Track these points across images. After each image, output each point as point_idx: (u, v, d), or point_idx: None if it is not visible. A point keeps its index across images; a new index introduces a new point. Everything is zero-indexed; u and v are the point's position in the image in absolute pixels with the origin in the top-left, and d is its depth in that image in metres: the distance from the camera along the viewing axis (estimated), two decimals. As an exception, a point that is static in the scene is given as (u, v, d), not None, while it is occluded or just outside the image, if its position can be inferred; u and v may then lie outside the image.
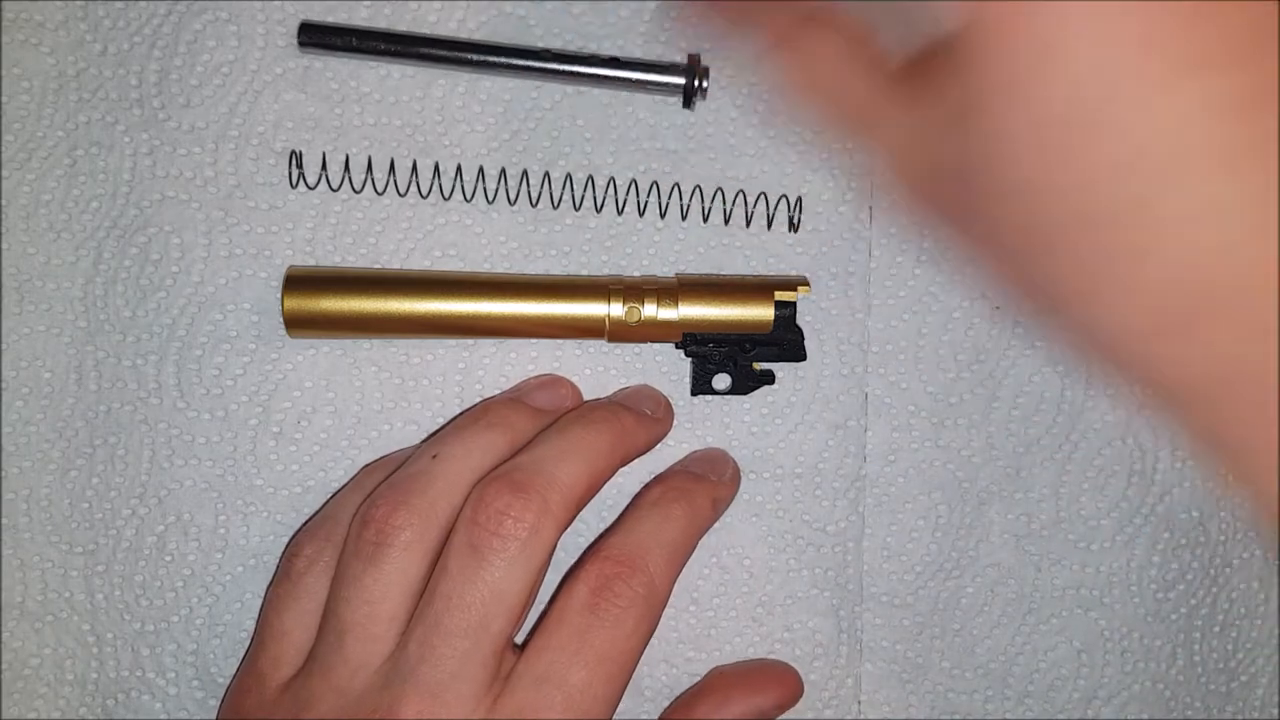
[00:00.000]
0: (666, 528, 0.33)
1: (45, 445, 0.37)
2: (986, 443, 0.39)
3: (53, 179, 0.37)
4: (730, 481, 0.37)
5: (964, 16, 0.22)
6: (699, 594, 0.39)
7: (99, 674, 0.38)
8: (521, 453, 0.33)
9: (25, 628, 0.38)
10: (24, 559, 0.37)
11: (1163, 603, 0.39)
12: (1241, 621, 0.39)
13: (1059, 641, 0.39)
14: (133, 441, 0.37)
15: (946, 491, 0.39)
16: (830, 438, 0.38)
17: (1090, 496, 0.39)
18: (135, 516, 0.37)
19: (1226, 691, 0.39)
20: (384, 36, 0.37)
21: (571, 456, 0.32)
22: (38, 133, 0.37)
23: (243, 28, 0.37)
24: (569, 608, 0.31)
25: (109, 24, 0.37)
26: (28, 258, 0.37)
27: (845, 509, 0.39)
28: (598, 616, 0.31)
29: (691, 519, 0.34)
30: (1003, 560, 0.39)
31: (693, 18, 0.36)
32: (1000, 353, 0.39)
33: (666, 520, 0.33)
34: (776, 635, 0.39)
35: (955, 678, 0.39)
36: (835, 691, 0.39)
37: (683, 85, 0.37)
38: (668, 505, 0.34)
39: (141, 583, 0.38)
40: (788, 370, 0.38)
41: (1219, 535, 0.39)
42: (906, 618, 0.39)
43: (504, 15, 0.37)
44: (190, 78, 0.37)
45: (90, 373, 0.37)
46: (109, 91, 0.37)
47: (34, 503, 0.37)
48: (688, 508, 0.34)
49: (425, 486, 0.32)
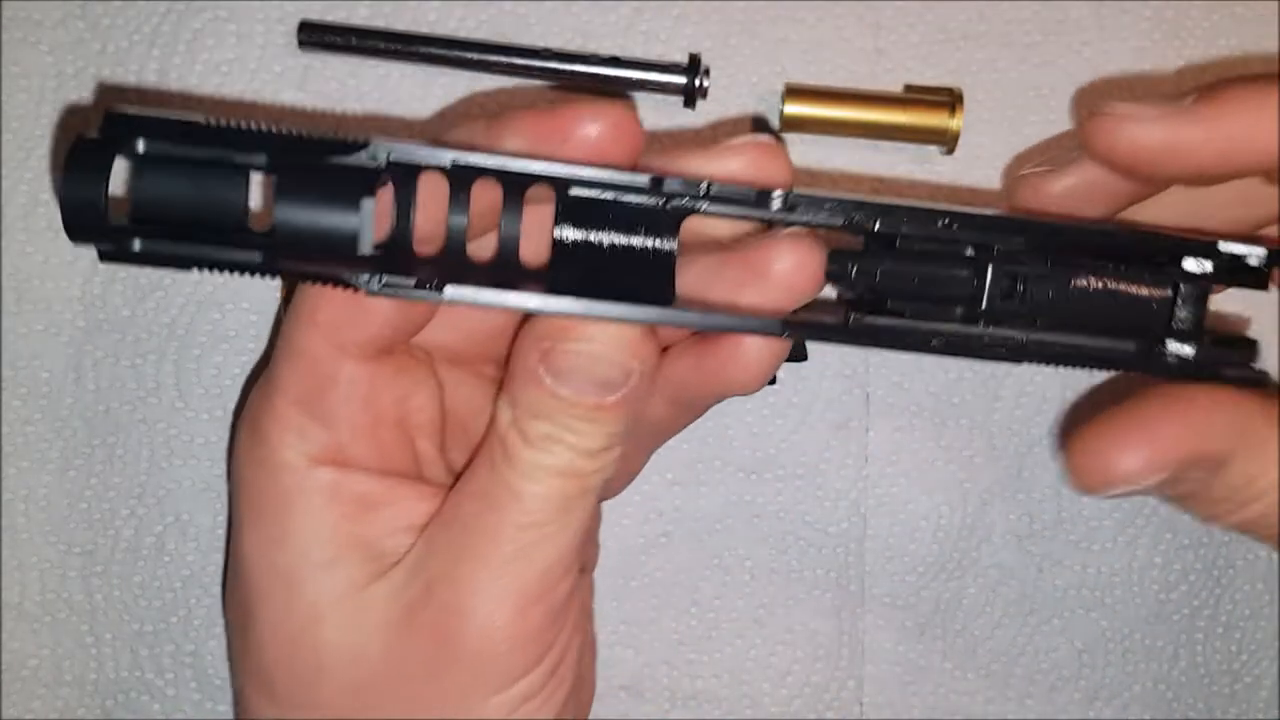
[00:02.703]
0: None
1: (43, 445, 0.37)
2: (988, 443, 0.39)
3: (51, 178, 0.37)
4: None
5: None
6: (700, 595, 0.38)
7: (97, 675, 0.38)
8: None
9: (23, 628, 0.37)
10: (22, 559, 0.37)
11: (1165, 603, 0.39)
12: (1245, 623, 0.39)
13: (1061, 642, 0.39)
14: (131, 441, 0.37)
15: (948, 492, 0.39)
16: (832, 438, 0.38)
17: (1092, 497, 0.39)
18: (134, 516, 0.37)
19: (1230, 693, 0.39)
20: (383, 35, 0.36)
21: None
22: (36, 131, 0.37)
23: (242, 26, 0.37)
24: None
25: (108, 22, 0.37)
26: (26, 257, 0.37)
27: (847, 510, 0.38)
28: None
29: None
30: (1005, 561, 0.39)
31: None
32: (1002, 353, 0.38)
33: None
34: (778, 637, 0.38)
35: (957, 679, 0.39)
36: (837, 693, 0.39)
37: (684, 85, 0.36)
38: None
39: (140, 583, 0.37)
40: (789, 370, 0.38)
41: (1222, 536, 0.39)
42: (908, 619, 0.39)
43: (504, 15, 0.37)
44: (189, 77, 0.37)
45: (89, 372, 0.37)
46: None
47: (32, 502, 0.37)
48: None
49: None
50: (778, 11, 0.38)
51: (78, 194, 0.23)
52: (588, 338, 0.26)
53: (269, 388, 0.29)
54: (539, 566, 0.27)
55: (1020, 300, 0.26)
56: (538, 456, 0.27)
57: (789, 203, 0.25)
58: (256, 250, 0.24)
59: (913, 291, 0.26)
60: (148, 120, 0.23)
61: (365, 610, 0.28)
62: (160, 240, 0.23)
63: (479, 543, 0.27)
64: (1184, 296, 0.26)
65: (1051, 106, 0.38)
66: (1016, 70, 0.38)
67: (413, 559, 0.28)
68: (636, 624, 0.38)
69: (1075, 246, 0.26)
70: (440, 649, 0.27)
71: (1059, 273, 0.26)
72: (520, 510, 0.27)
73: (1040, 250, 0.26)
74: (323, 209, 0.23)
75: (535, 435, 0.27)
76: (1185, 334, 0.27)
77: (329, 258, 0.23)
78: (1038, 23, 0.38)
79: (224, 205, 0.23)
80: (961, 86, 0.37)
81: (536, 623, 0.28)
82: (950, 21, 0.38)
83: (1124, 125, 0.27)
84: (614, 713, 0.38)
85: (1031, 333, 0.26)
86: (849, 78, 0.38)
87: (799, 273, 0.27)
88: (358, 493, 0.29)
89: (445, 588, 0.27)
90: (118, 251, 0.23)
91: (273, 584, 0.29)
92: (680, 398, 0.31)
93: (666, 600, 0.38)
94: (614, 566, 0.38)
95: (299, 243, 0.23)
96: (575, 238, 0.26)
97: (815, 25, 0.38)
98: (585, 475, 0.27)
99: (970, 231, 0.26)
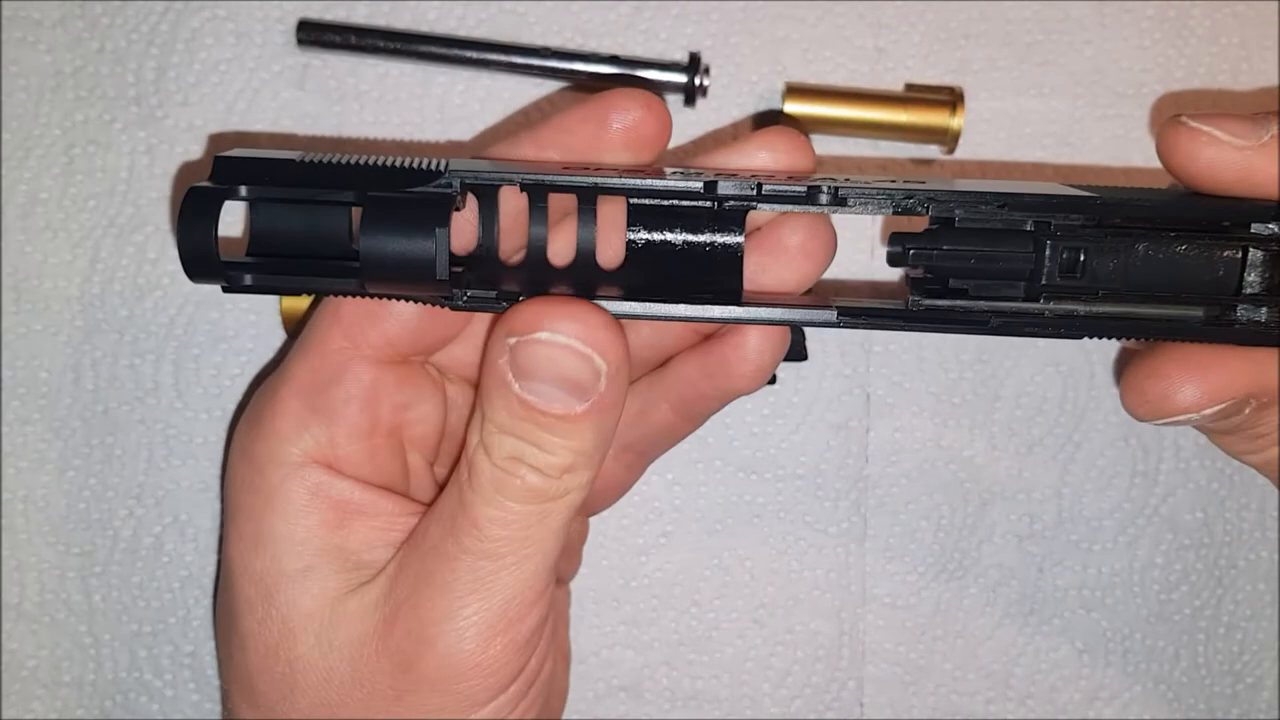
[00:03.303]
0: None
1: (42, 445, 0.37)
2: (989, 443, 0.39)
3: (49, 177, 0.37)
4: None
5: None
6: (700, 596, 0.38)
7: (96, 675, 0.37)
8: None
9: (22, 629, 0.37)
10: (21, 560, 0.37)
11: (1166, 604, 0.39)
12: (1247, 624, 0.39)
13: (1061, 643, 0.39)
14: (130, 441, 0.37)
15: (949, 492, 0.39)
16: (832, 438, 0.38)
17: (1093, 497, 0.39)
18: (132, 517, 0.37)
19: (1231, 694, 0.39)
20: (383, 34, 0.36)
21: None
22: (34, 130, 0.37)
23: (240, 25, 0.37)
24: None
25: (106, 22, 0.37)
26: (25, 256, 0.37)
27: (847, 510, 0.38)
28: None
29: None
30: (1005, 561, 0.39)
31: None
32: (1003, 353, 0.38)
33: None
34: (778, 637, 0.38)
35: (958, 679, 0.39)
36: (837, 694, 0.39)
37: (684, 83, 0.36)
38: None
39: (139, 584, 0.37)
40: (789, 370, 0.38)
41: (1224, 536, 0.39)
42: (909, 619, 0.39)
43: (504, 14, 0.37)
44: (188, 75, 0.37)
45: (87, 372, 0.37)
46: (106, 89, 0.37)
47: (31, 503, 0.37)
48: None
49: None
50: (778, 10, 0.38)
51: (192, 239, 0.25)
52: (554, 328, 0.25)
53: (277, 379, 0.30)
54: (501, 598, 0.27)
55: (1082, 274, 0.26)
56: (501, 478, 0.26)
57: (839, 196, 0.26)
58: (352, 278, 0.26)
59: (973, 270, 0.26)
60: (249, 162, 0.26)
61: (337, 627, 0.28)
62: (267, 275, 0.26)
63: (441, 570, 0.27)
64: (1253, 262, 0.26)
65: (1052, 106, 0.38)
66: (1017, 70, 0.38)
67: (385, 578, 0.28)
68: (636, 624, 0.38)
69: (1137, 218, 0.26)
70: (406, 674, 0.27)
71: (1121, 244, 0.26)
72: (478, 538, 0.27)
73: (1100, 224, 0.26)
74: (402, 239, 0.25)
75: (500, 455, 0.26)
76: (1257, 298, 0.26)
77: (412, 281, 0.25)
78: (1038, 22, 0.38)
79: (326, 236, 0.26)
80: (962, 86, 0.37)
81: (501, 654, 0.27)
82: (951, 21, 0.38)
83: (1204, 145, 0.27)
84: (614, 713, 0.38)
85: (1094, 305, 0.26)
86: (850, 77, 0.38)
87: (813, 240, 0.29)
88: (340, 499, 0.29)
89: (410, 613, 0.27)
90: (232, 286, 0.26)
91: (252, 592, 0.29)
92: (685, 402, 0.31)
93: (666, 600, 0.38)
94: (614, 566, 0.38)
95: (383, 268, 0.25)
96: (647, 238, 0.27)
97: (816, 24, 0.38)
98: (549, 499, 0.27)
99: (1026, 212, 0.26)
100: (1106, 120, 0.38)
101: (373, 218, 0.25)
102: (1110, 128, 0.38)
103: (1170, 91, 0.38)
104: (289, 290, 0.27)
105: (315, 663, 0.28)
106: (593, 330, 0.26)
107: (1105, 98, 0.38)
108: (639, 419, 0.32)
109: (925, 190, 0.26)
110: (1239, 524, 0.39)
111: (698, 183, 0.26)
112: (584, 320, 0.25)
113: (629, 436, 0.33)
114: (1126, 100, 0.38)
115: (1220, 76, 0.38)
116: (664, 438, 0.33)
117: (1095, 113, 0.38)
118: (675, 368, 0.31)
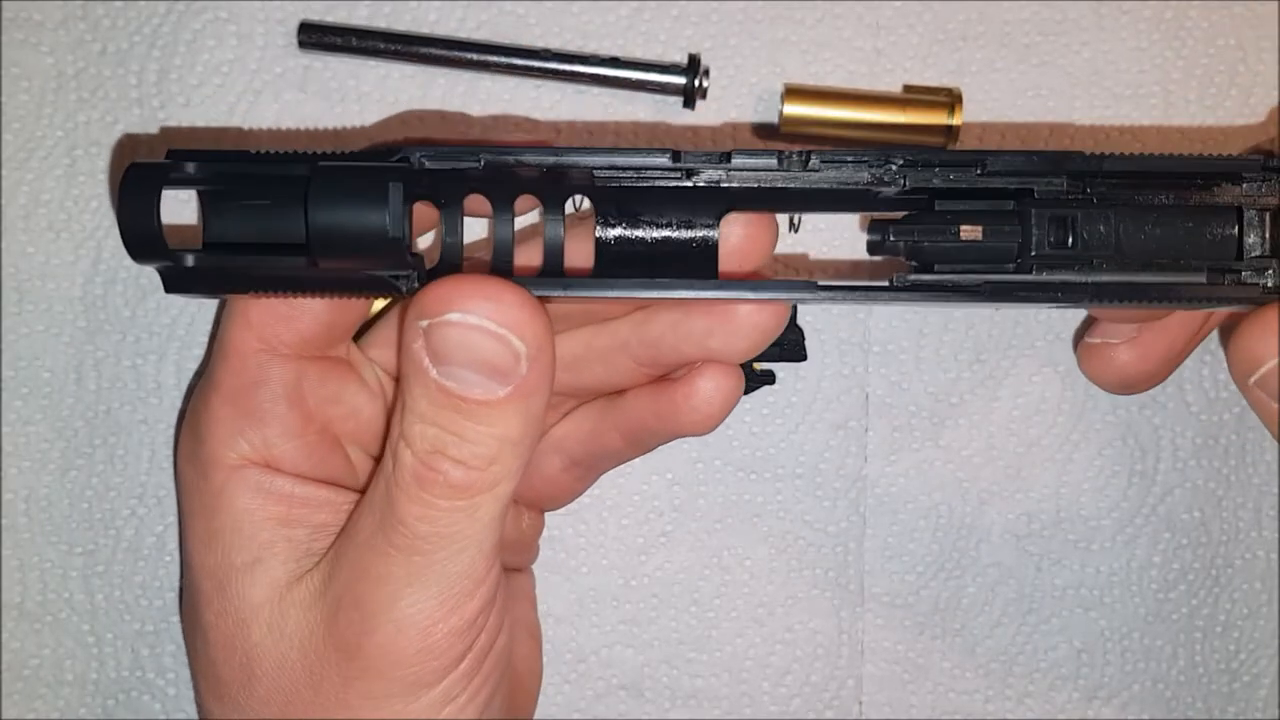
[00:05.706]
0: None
1: (45, 445, 0.37)
2: (987, 443, 0.39)
3: (52, 178, 0.37)
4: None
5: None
6: (700, 595, 0.38)
7: (98, 674, 0.38)
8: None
9: (25, 628, 0.37)
10: (23, 559, 0.37)
11: (1164, 603, 0.39)
12: (1244, 622, 0.39)
13: (1059, 641, 0.39)
14: (132, 441, 0.37)
15: (947, 491, 0.39)
16: (831, 438, 0.38)
17: (1091, 497, 0.39)
18: (135, 516, 0.37)
19: (1229, 692, 0.39)
20: (384, 36, 0.36)
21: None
22: (37, 132, 0.37)
23: (242, 27, 0.37)
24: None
25: (108, 23, 0.37)
26: (27, 257, 0.37)
27: (846, 509, 0.39)
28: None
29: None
30: (1003, 560, 0.39)
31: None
32: (1001, 352, 0.38)
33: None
34: (777, 636, 0.39)
35: (956, 678, 0.39)
36: (836, 692, 0.39)
37: (683, 85, 0.36)
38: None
39: (141, 583, 0.37)
40: (788, 370, 0.38)
41: (1221, 536, 0.39)
42: (907, 618, 0.39)
43: (504, 15, 0.37)
44: (190, 77, 0.37)
45: (90, 372, 0.37)
46: (108, 91, 0.37)
47: (33, 503, 0.37)
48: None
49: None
50: (777, 12, 0.38)
51: (131, 215, 0.24)
52: (465, 309, 0.24)
53: (206, 386, 0.30)
54: (437, 588, 0.26)
55: (1074, 243, 0.25)
56: (423, 474, 0.26)
57: (809, 164, 0.25)
58: (301, 255, 0.24)
59: (957, 254, 0.25)
60: (201, 151, 0.25)
61: (286, 616, 0.28)
62: (213, 255, 0.25)
63: (375, 564, 0.27)
64: (1249, 221, 0.25)
65: (1051, 107, 0.38)
66: (1016, 70, 0.38)
67: (325, 568, 0.28)
68: (636, 624, 0.39)
69: (1124, 180, 0.25)
70: (352, 661, 0.27)
71: (1111, 212, 0.25)
72: (405, 535, 0.26)
73: (1084, 188, 0.25)
74: (352, 201, 0.24)
75: (422, 447, 0.25)
76: (1263, 258, 0.25)
77: (365, 250, 0.24)
78: (1037, 23, 0.38)
79: (277, 216, 0.25)
80: (961, 86, 0.37)
81: (443, 640, 0.27)
82: (950, 22, 0.38)
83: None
84: (614, 712, 0.39)
85: (1090, 275, 0.25)
86: (848, 78, 0.38)
87: (749, 242, 0.28)
88: (284, 494, 0.29)
89: (350, 605, 0.27)
90: (176, 267, 0.25)
91: (208, 586, 0.29)
92: (634, 434, 0.32)
93: (666, 600, 0.39)
94: (614, 566, 0.38)
95: (332, 235, 0.24)
96: (617, 234, 0.26)
97: (815, 26, 0.38)
98: (477, 493, 0.26)
99: (1007, 177, 0.25)
100: (1105, 121, 0.38)
101: (322, 185, 0.24)
102: (1108, 129, 0.38)
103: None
104: (236, 275, 0.25)
105: (269, 651, 0.28)
106: (506, 309, 0.24)
107: (1103, 99, 0.38)
108: (590, 439, 0.33)
109: (902, 157, 0.25)
110: (1236, 523, 0.39)
111: (663, 155, 0.25)
112: (497, 299, 0.24)
113: (579, 452, 0.33)
114: (1124, 101, 0.38)
115: (1217, 78, 0.38)
116: (613, 460, 0.34)
117: (1093, 114, 0.38)
118: (630, 400, 0.32)
